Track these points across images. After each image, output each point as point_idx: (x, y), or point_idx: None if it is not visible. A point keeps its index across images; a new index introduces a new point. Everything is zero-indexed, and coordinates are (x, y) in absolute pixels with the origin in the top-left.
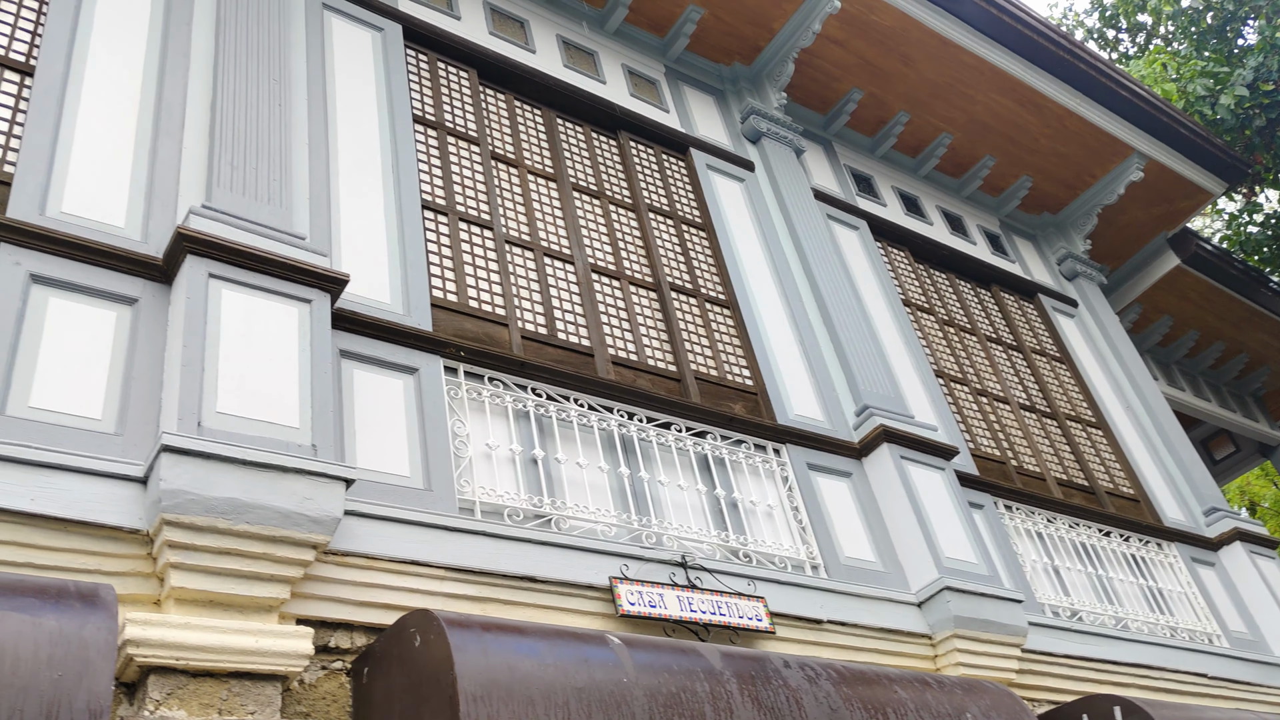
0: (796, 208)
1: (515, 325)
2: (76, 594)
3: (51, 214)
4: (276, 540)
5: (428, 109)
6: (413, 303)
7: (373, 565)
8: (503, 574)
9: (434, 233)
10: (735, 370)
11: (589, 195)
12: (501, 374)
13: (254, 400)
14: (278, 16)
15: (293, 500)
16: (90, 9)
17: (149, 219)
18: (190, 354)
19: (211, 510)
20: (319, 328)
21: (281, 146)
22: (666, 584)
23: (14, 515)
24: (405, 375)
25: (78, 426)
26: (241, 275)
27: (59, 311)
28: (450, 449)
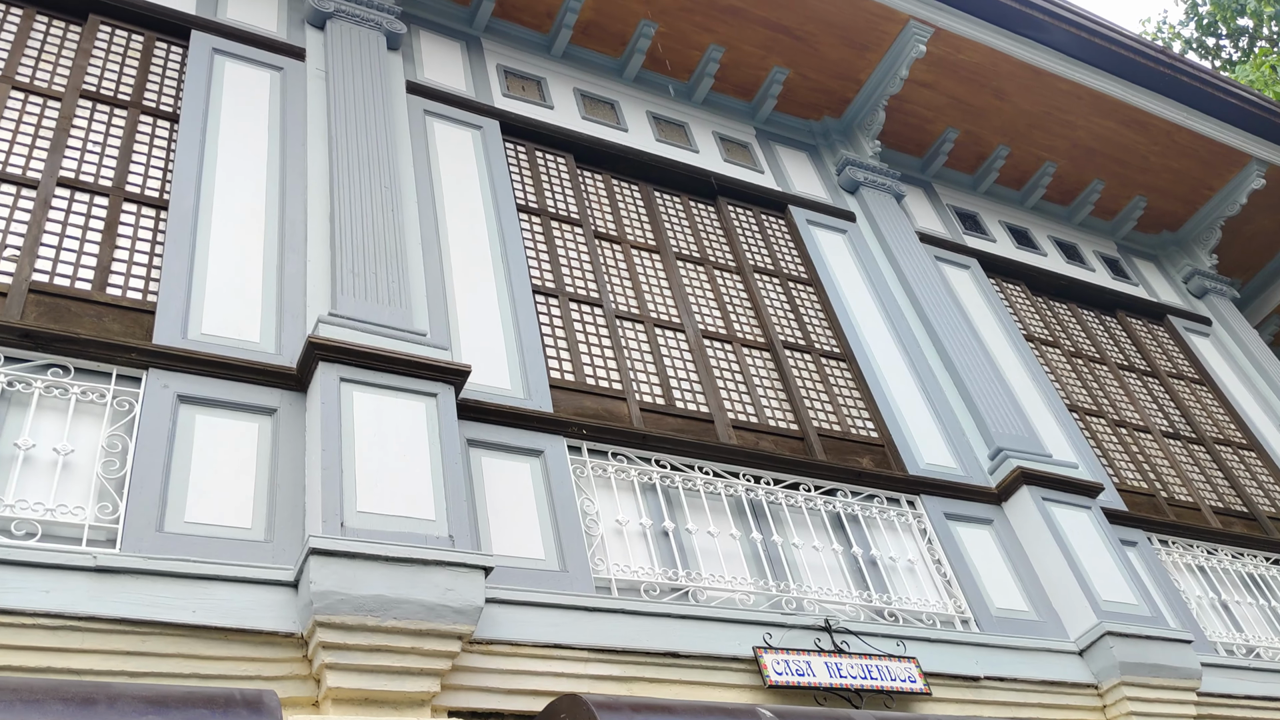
0: (903, 253)
1: (633, 398)
2: (242, 701)
3: (193, 336)
4: (423, 634)
5: (530, 196)
6: (532, 386)
7: (517, 652)
8: (645, 651)
9: (546, 315)
10: (859, 424)
11: (693, 263)
12: (624, 448)
13: (391, 496)
14: (384, 127)
15: (435, 592)
16: (214, 142)
17: (281, 331)
18: (329, 457)
19: (360, 609)
20: (446, 420)
21: (397, 249)
22: (812, 650)
23: (178, 628)
24: (531, 458)
25: (230, 536)
26: (370, 376)
27: (206, 427)
28: (581, 528)
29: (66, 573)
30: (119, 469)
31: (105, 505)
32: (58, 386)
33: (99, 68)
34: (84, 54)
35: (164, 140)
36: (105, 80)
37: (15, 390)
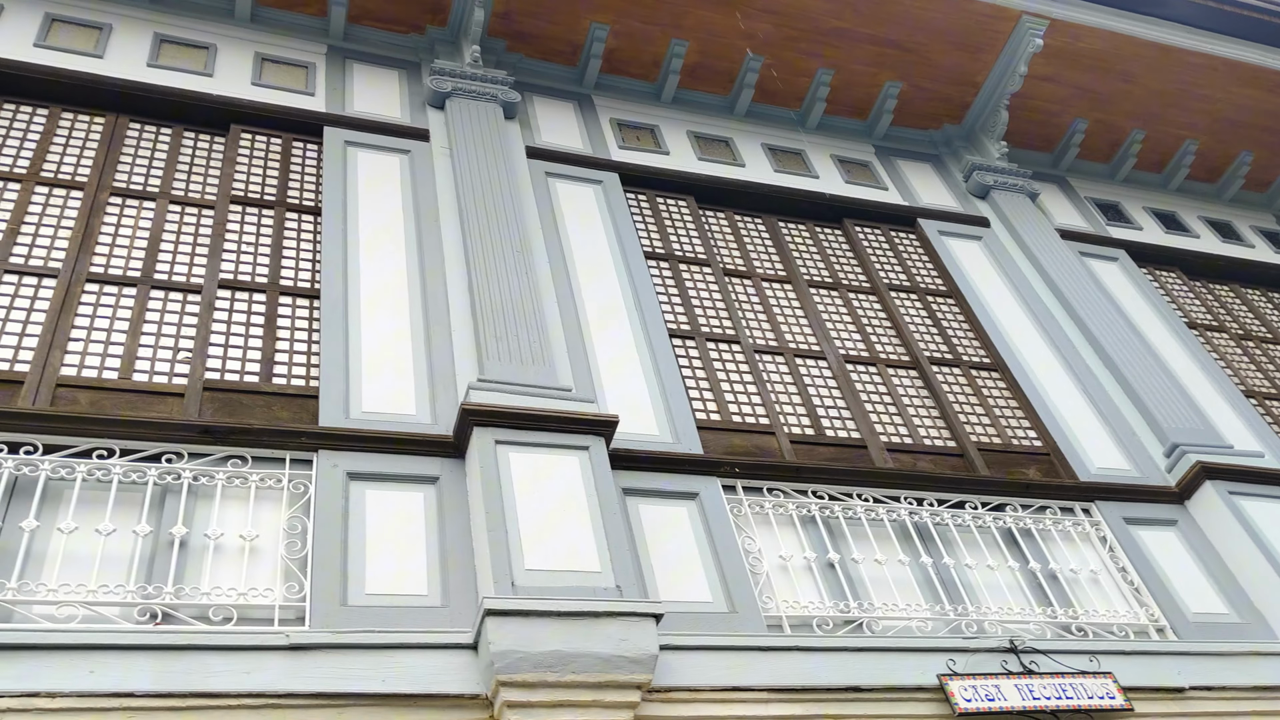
0: (1045, 252)
1: (782, 431)
2: None
3: (355, 415)
4: (603, 685)
5: (656, 242)
6: (680, 429)
7: (696, 697)
8: (825, 688)
9: (685, 358)
10: (1020, 434)
11: (826, 288)
12: (779, 482)
13: (556, 552)
14: (510, 194)
15: (610, 644)
16: (354, 229)
17: (435, 401)
18: (493, 518)
19: (539, 665)
20: (600, 471)
21: (535, 310)
22: (1000, 673)
23: (370, 698)
24: (687, 501)
25: (409, 605)
26: (523, 436)
27: (375, 501)
28: (746, 567)
29: (263, 653)
30: (300, 549)
31: (292, 585)
32: (238, 476)
33: (244, 173)
34: (229, 162)
35: (309, 233)
36: (251, 183)
37: (200, 484)
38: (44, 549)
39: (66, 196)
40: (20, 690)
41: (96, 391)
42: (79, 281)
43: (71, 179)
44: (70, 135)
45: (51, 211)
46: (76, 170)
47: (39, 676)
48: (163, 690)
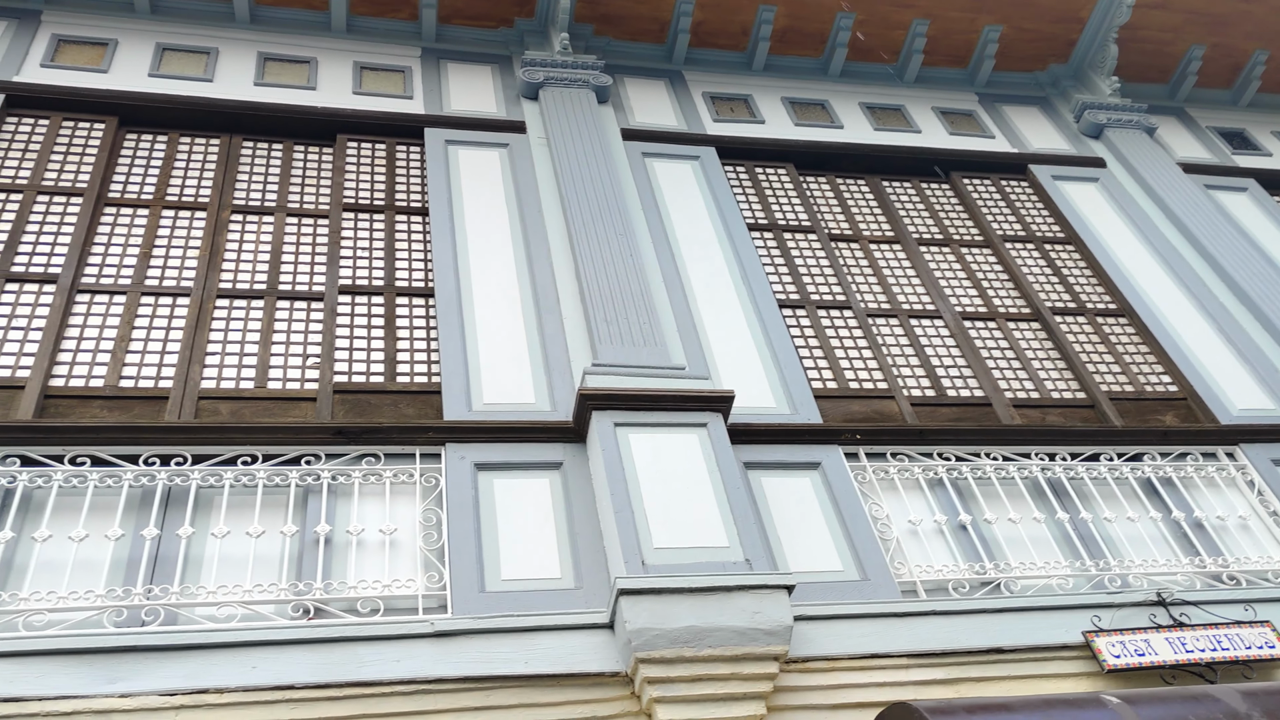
0: (1167, 188)
1: (901, 395)
2: None
3: (477, 408)
4: (739, 658)
5: (758, 213)
6: (796, 400)
7: (834, 666)
8: (966, 651)
9: (797, 327)
10: (1153, 380)
11: (936, 245)
12: (902, 447)
13: (683, 529)
14: (608, 179)
15: (743, 617)
16: (461, 225)
17: (553, 389)
18: (618, 500)
19: (675, 641)
20: (720, 447)
21: (642, 291)
22: (1149, 627)
23: (514, 679)
24: (809, 472)
25: (544, 588)
26: (641, 417)
27: (503, 490)
28: (874, 534)
29: (411, 641)
30: (437, 539)
31: (432, 574)
32: (373, 473)
33: (353, 180)
34: (338, 171)
35: (420, 233)
36: (360, 190)
37: (339, 483)
38: (200, 553)
39: (191, 217)
40: (191, 688)
41: (235, 401)
42: (210, 298)
43: (195, 200)
44: (189, 159)
45: (179, 233)
46: (198, 192)
47: (207, 674)
48: (320, 681)
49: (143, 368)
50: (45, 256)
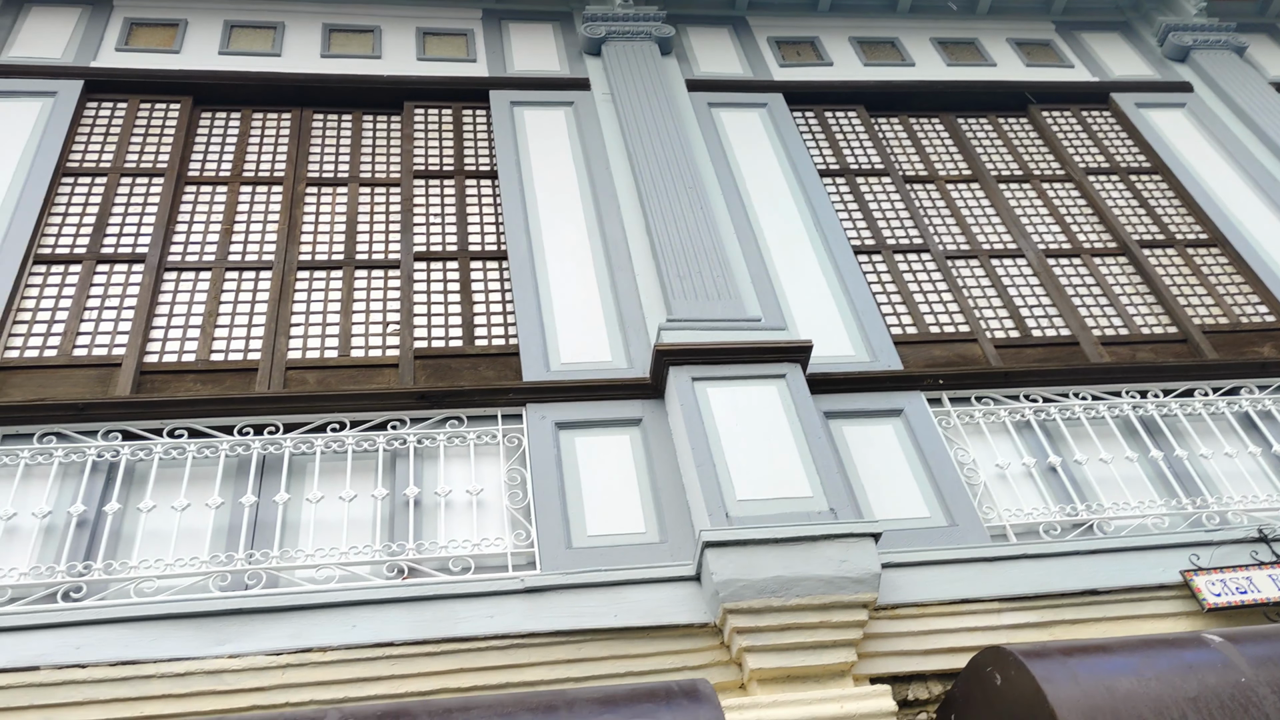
0: (1259, 110)
1: (984, 338)
2: (680, 692)
3: (555, 367)
4: (828, 607)
5: (829, 159)
6: (875, 347)
7: (925, 612)
8: (1059, 594)
9: (873, 273)
10: (1249, 311)
11: (1016, 182)
12: (987, 390)
13: (766, 481)
14: (675, 131)
15: (830, 566)
16: (530, 186)
17: (628, 346)
18: (699, 454)
19: (763, 591)
20: (799, 397)
21: (714, 244)
22: (1250, 564)
23: (604, 632)
24: (892, 419)
25: (629, 543)
26: (718, 371)
27: (585, 448)
28: (961, 479)
29: (502, 598)
30: (522, 498)
31: (519, 532)
32: (457, 436)
33: (422, 147)
34: (407, 138)
35: (490, 197)
36: (430, 156)
37: (424, 446)
38: (296, 518)
39: (269, 192)
40: (295, 648)
41: (321, 370)
42: (291, 270)
43: (270, 175)
44: (263, 134)
45: (258, 208)
46: (273, 166)
47: (310, 634)
48: (417, 638)
49: (231, 341)
50: (132, 237)
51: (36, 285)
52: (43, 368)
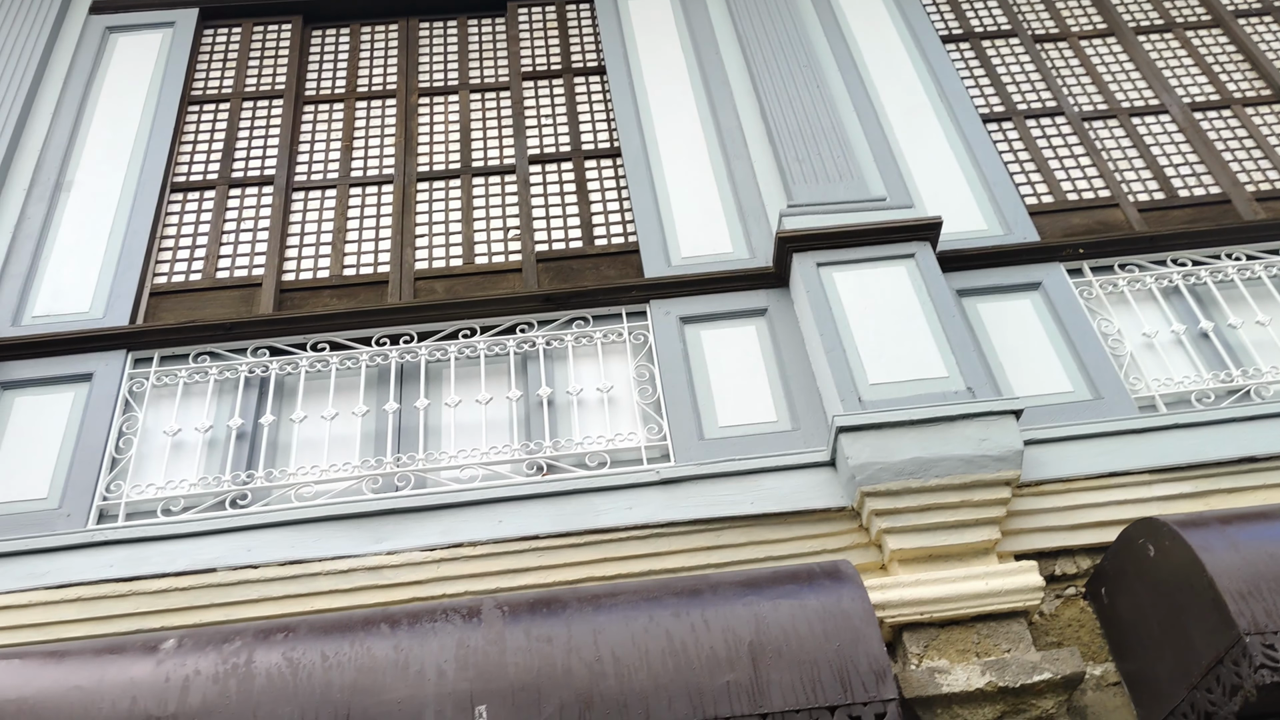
0: None
1: (1126, 202)
2: (822, 573)
3: (676, 262)
4: (969, 486)
5: (951, 23)
6: (1009, 219)
7: (1070, 487)
8: (1213, 463)
9: (1003, 142)
10: None
11: (1157, 32)
12: (1131, 256)
13: (899, 363)
14: (786, 10)
15: (969, 445)
16: (640, 79)
17: (749, 235)
18: (828, 340)
19: (900, 474)
20: (930, 276)
21: (833, 123)
22: None
23: (741, 520)
24: (1029, 293)
25: (761, 432)
26: (843, 255)
27: (711, 341)
28: (1105, 350)
29: (639, 490)
30: (652, 394)
31: (651, 427)
32: (584, 336)
33: (529, 48)
34: (513, 40)
35: (599, 94)
36: (537, 57)
37: (553, 347)
38: (437, 423)
39: (383, 105)
40: (447, 543)
41: (448, 279)
42: (411, 182)
43: (384, 88)
44: (373, 47)
45: (374, 122)
46: (385, 80)
47: (459, 530)
48: (560, 530)
49: (361, 255)
50: (259, 160)
51: (176, 213)
52: (190, 291)
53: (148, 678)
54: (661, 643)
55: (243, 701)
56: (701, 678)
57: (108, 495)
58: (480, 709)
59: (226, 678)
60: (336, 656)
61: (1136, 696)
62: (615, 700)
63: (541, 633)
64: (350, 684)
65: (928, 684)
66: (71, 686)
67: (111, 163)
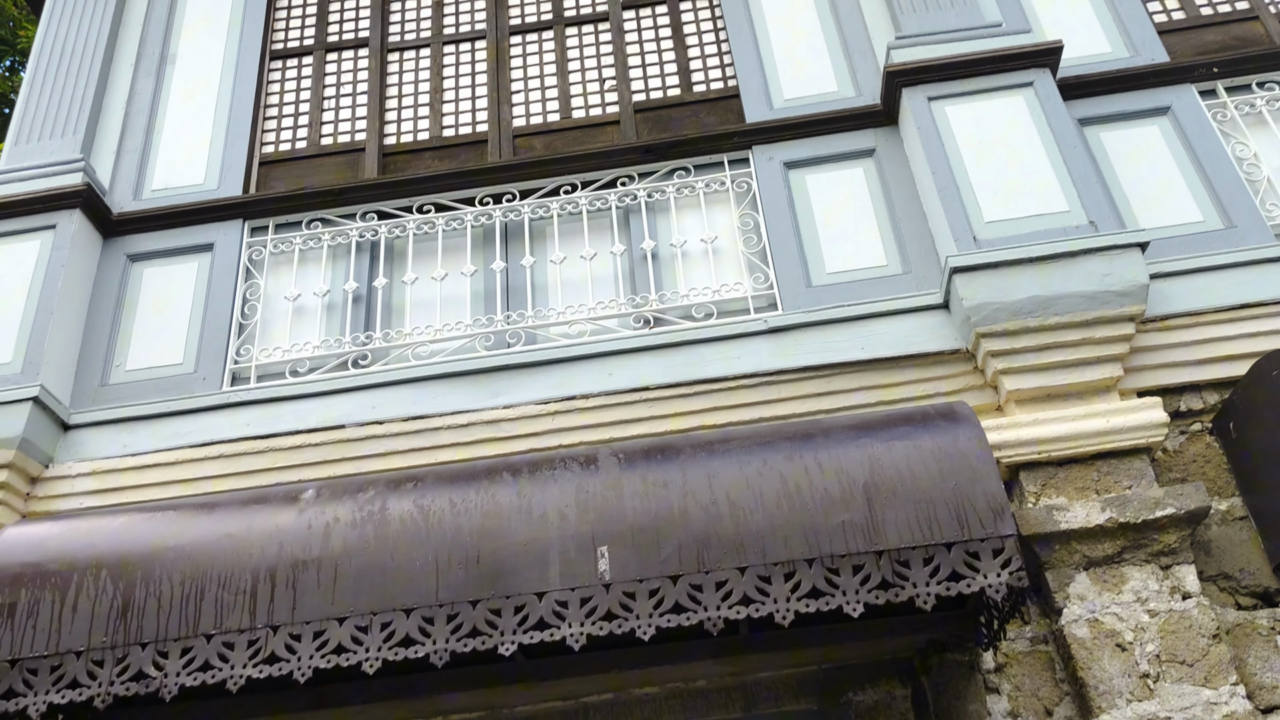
0: None
1: (1267, 13)
2: (937, 415)
3: (778, 106)
4: (1090, 323)
5: None
6: (1135, 39)
7: (1198, 321)
8: None
9: None
10: None
11: None
12: (1271, 74)
13: (1016, 199)
14: None
15: (1092, 280)
16: None
17: (854, 73)
18: (940, 178)
19: (1018, 313)
20: (1050, 104)
21: None
22: None
23: (852, 365)
24: (1156, 118)
25: (870, 277)
26: (956, 87)
27: (816, 185)
28: (1239, 176)
29: (747, 339)
30: (757, 242)
31: (757, 275)
32: (685, 186)
33: None
34: None
35: None
36: None
37: (655, 200)
38: (543, 280)
39: None
40: (560, 396)
41: (546, 135)
42: (504, 36)
43: None
44: None
45: None
46: None
47: (571, 383)
48: (669, 381)
49: (459, 115)
50: (352, 22)
51: (277, 80)
52: (297, 159)
53: (292, 525)
54: (776, 485)
55: (380, 545)
56: (816, 518)
57: (238, 359)
58: (602, 549)
59: (364, 524)
60: (464, 503)
61: (1264, 529)
62: (731, 541)
63: (657, 478)
64: (478, 528)
65: (1045, 521)
66: (223, 534)
67: (211, 33)
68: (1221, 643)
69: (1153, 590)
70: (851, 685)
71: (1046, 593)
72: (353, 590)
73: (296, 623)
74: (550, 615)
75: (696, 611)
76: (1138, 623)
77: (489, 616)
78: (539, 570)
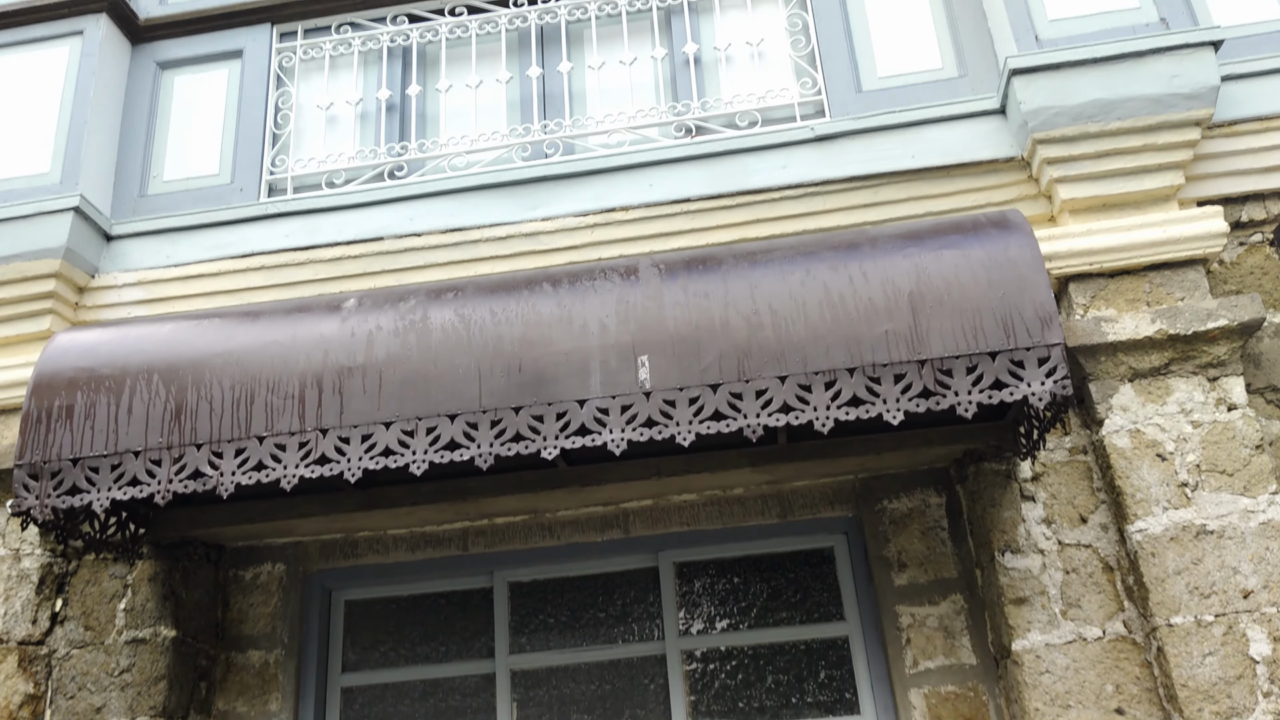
0: None
1: None
2: (988, 223)
3: None
4: (1153, 128)
5: None
6: None
7: (1269, 126)
8: None
9: None
10: None
11: None
12: None
13: None
14: None
15: (1159, 82)
16: None
17: None
18: None
19: (1078, 118)
20: None
21: None
22: None
23: (901, 174)
24: None
25: (924, 80)
26: None
27: None
28: None
29: (792, 148)
30: (805, 45)
31: (805, 80)
32: None
33: None
34: None
35: None
36: None
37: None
38: (581, 87)
39: None
40: (600, 208)
41: None
42: None
43: None
44: None
45: None
46: None
47: (611, 195)
48: (712, 193)
49: None
50: None
51: None
52: None
53: (336, 333)
54: (818, 295)
55: (422, 353)
56: (859, 327)
57: (274, 169)
58: (643, 358)
59: (406, 332)
60: (505, 313)
61: None
62: (772, 350)
63: (698, 288)
64: (519, 337)
65: (1093, 332)
66: (269, 341)
67: None
68: (1264, 453)
69: (1198, 401)
70: (886, 494)
71: (1089, 404)
72: (398, 396)
73: (345, 426)
74: (591, 421)
75: (736, 419)
76: (1180, 433)
77: (531, 422)
78: (580, 379)
